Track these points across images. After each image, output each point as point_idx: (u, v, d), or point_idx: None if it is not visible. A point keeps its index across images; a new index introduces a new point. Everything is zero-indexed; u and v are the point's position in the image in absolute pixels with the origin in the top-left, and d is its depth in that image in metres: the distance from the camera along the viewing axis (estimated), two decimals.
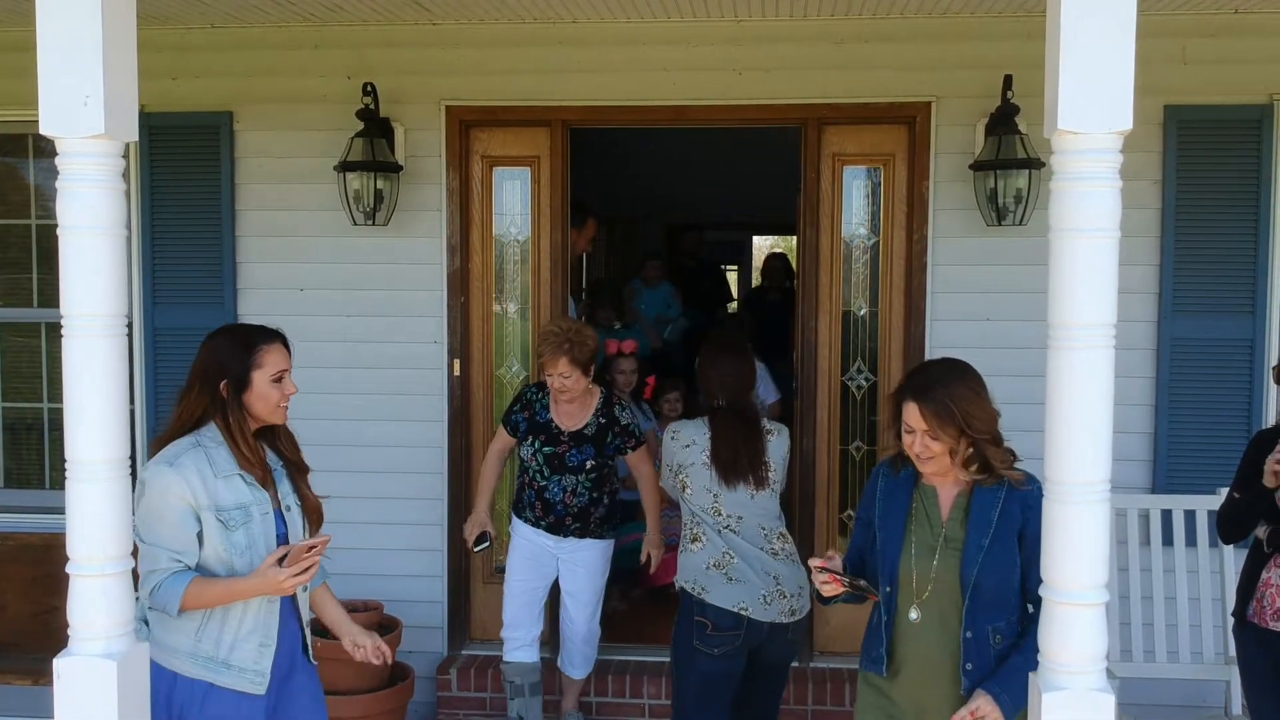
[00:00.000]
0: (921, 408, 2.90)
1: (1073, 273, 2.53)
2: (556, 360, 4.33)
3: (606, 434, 4.52)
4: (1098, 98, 2.48)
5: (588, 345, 4.39)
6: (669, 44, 4.92)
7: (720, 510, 3.95)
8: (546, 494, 4.53)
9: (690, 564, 3.99)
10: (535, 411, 4.55)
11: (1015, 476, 2.97)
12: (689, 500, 4.01)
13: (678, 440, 4.05)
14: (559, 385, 4.37)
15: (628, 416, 4.59)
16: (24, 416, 5.54)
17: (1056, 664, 2.61)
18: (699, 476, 3.98)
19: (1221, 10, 4.68)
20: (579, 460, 4.50)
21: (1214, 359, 4.82)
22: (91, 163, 2.66)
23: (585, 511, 4.55)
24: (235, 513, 2.92)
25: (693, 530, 4.01)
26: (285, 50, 5.05)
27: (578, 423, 4.51)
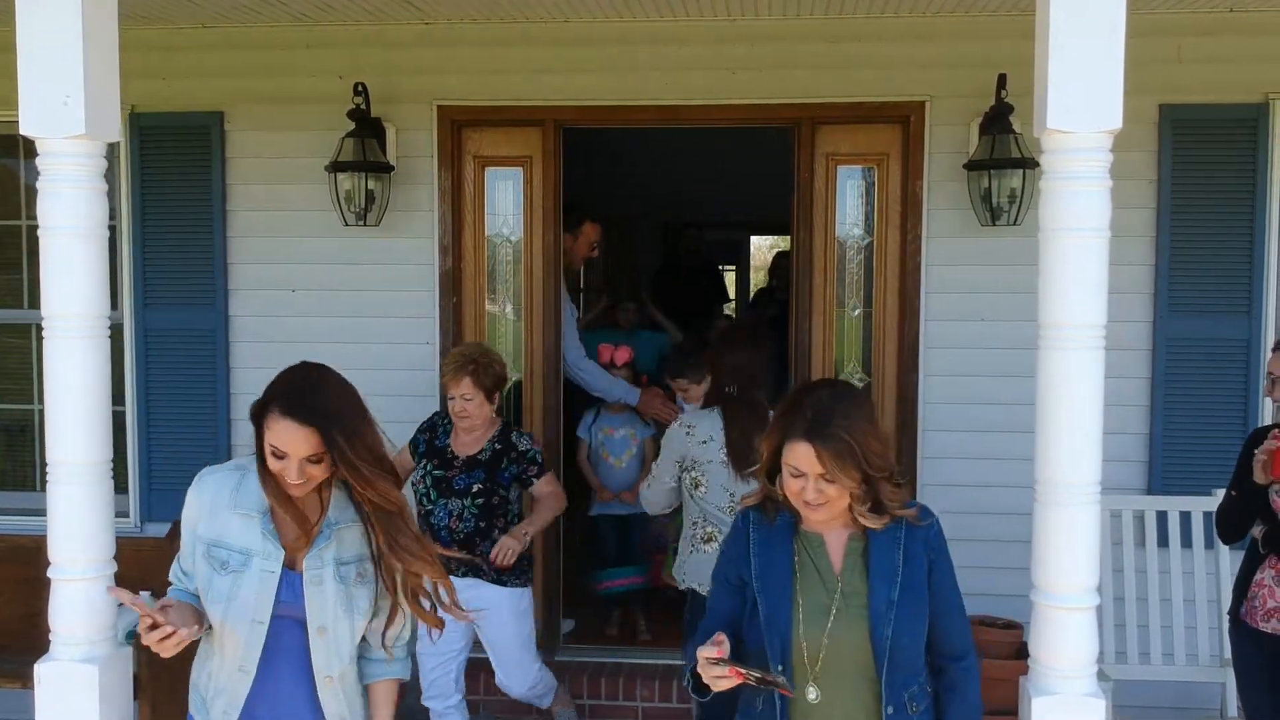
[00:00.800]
0: (818, 448, 2.40)
1: (1063, 272, 2.51)
2: (459, 380, 4.16)
3: (501, 459, 4.27)
4: (1087, 97, 2.47)
5: (494, 370, 4.22)
6: (661, 43, 4.89)
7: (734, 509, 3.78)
8: (432, 519, 4.27)
9: (704, 566, 3.75)
10: (437, 435, 4.38)
11: (910, 514, 2.54)
12: (702, 499, 3.90)
13: (694, 435, 3.91)
14: (459, 408, 4.18)
15: (528, 443, 4.33)
16: (15, 418, 5.52)
17: (1047, 668, 2.60)
18: (717, 475, 3.87)
19: (1216, 9, 4.66)
20: (466, 484, 4.25)
21: (1210, 359, 4.79)
22: (72, 163, 2.66)
23: (470, 540, 4.23)
24: (234, 555, 2.50)
25: (705, 530, 3.92)
26: (276, 50, 5.03)
27: (472, 449, 4.30)
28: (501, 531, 4.25)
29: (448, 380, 4.21)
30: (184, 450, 5.14)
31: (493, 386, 4.22)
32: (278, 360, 5.10)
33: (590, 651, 5.23)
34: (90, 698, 2.67)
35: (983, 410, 4.87)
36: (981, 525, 4.85)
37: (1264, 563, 3.67)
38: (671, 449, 3.99)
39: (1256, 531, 3.71)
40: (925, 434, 4.93)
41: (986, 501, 4.84)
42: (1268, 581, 3.64)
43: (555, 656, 5.15)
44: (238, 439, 5.16)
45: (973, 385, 4.88)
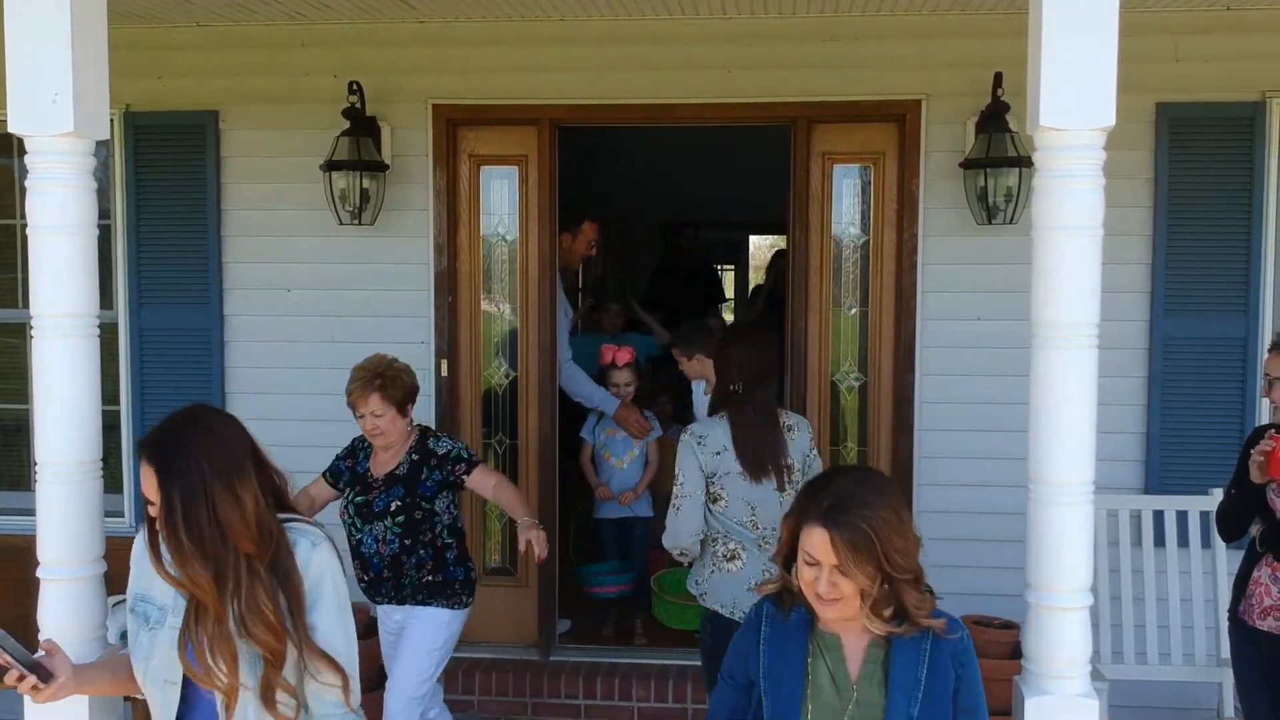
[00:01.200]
0: (834, 536, 2.21)
1: (1056, 271, 2.50)
2: (366, 397, 3.89)
3: (420, 470, 4.00)
4: (1080, 94, 2.46)
5: (403, 382, 3.97)
6: (657, 42, 4.88)
7: (758, 523, 3.64)
8: (362, 548, 4.03)
9: (728, 586, 3.64)
10: (359, 460, 4.14)
11: (937, 625, 2.33)
12: (722, 514, 3.66)
13: (706, 446, 3.66)
14: (371, 426, 3.93)
15: (447, 444, 4.07)
16: (10, 418, 5.51)
17: (1040, 668, 2.58)
18: (735, 486, 3.65)
19: (1213, 7, 4.65)
20: (385, 503, 3.99)
21: (1207, 358, 4.78)
22: (61, 161, 2.64)
23: (397, 562, 3.99)
24: (153, 611, 2.37)
25: (728, 548, 3.66)
26: (271, 49, 5.02)
27: (389, 466, 4.04)
28: (432, 550, 4.01)
29: (354, 399, 3.93)
30: None
31: (404, 399, 3.98)
32: (273, 359, 5.19)
33: (586, 651, 5.22)
34: (80, 699, 2.66)
35: (979, 409, 4.85)
36: (978, 525, 4.85)
37: (1261, 561, 3.66)
38: (689, 463, 3.68)
39: (1254, 530, 3.70)
40: (921, 433, 4.92)
41: (983, 501, 4.83)
42: (1264, 580, 3.63)
43: (551, 656, 5.15)
44: None
45: (969, 384, 4.87)
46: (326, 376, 5.05)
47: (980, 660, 4.60)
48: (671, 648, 5.27)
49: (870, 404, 5.05)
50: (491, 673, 4.98)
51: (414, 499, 3.98)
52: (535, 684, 4.93)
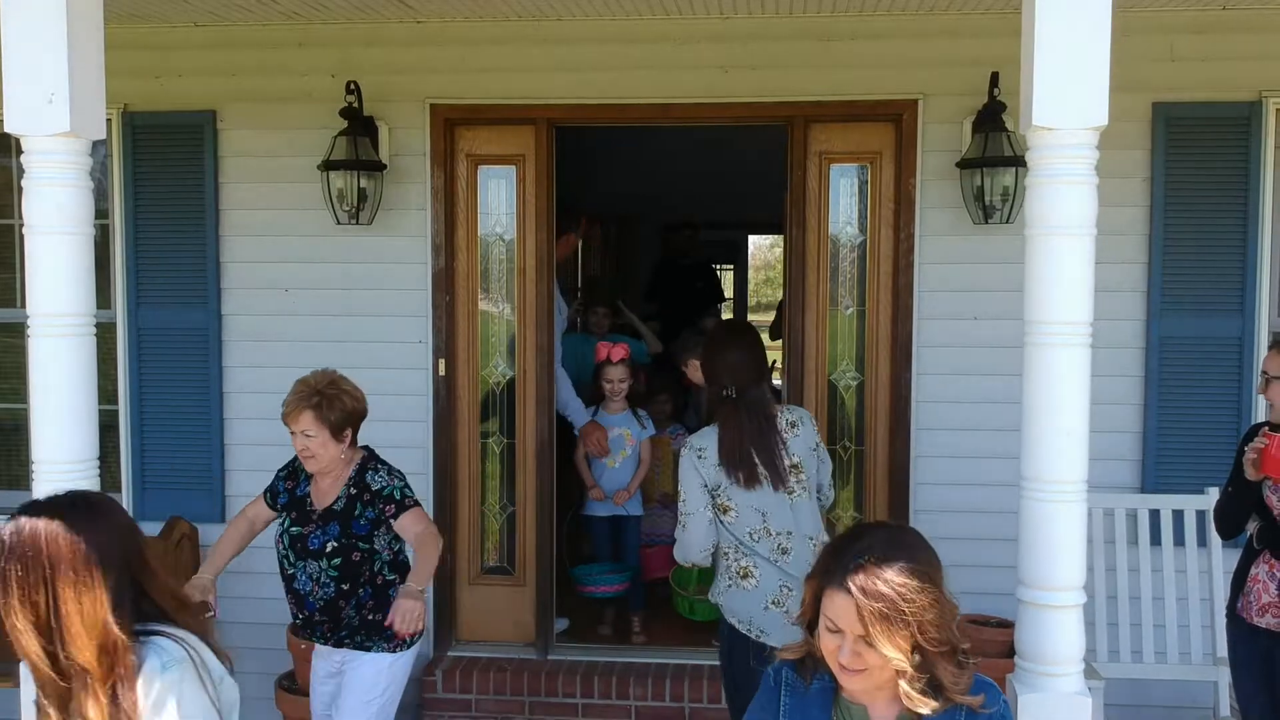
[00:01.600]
0: (860, 603, 2.02)
1: (1049, 270, 2.51)
2: (298, 414, 3.59)
3: (354, 506, 3.68)
4: (1072, 93, 2.46)
5: (342, 404, 3.65)
6: (654, 42, 4.89)
7: (770, 529, 3.54)
8: (296, 584, 3.74)
9: (744, 602, 3.54)
10: (298, 483, 3.82)
11: (974, 702, 2.11)
12: (733, 527, 3.55)
13: (706, 459, 3.55)
14: (300, 446, 3.62)
15: (382, 479, 3.72)
16: (7, 417, 5.52)
17: (1033, 666, 2.59)
18: (740, 495, 3.54)
19: (1209, 7, 4.65)
20: (320, 542, 3.68)
21: (1203, 357, 4.78)
22: (57, 161, 2.66)
23: (333, 605, 3.68)
24: None
25: (741, 564, 3.54)
26: (269, 49, 5.03)
27: (328, 499, 3.73)
28: (372, 590, 3.71)
29: (287, 414, 3.63)
30: (177, 449, 5.16)
31: (342, 422, 3.64)
32: (271, 359, 5.19)
33: (584, 650, 5.23)
34: None
35: (976, 408, 4.86)
36: (975, 523, 4.86)
37: (1258, 558, 3.67)
38: (689, 477, 3.57)
39: (1251, 527, 3.71)
40: (918, 432, 4.92)
41: (980, 500, 4.84)
42: (1262, 577, 3.65)
43: (549, 655, 5.16)
44: (230, 438, 5.16)
45: (966, 383, 4.88)
46: None
47: (977, 659, 4.65)
48: (669, 647, 5.29)
49: (867, 403, 5.05)
50: (489, 672, 4.99)
51: (350, 539, 3.66)
52: (533, 683, 4.94)
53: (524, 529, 5.25)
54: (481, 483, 5.26)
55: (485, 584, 5.28)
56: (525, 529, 5.24)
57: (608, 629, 5.52)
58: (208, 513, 5.10)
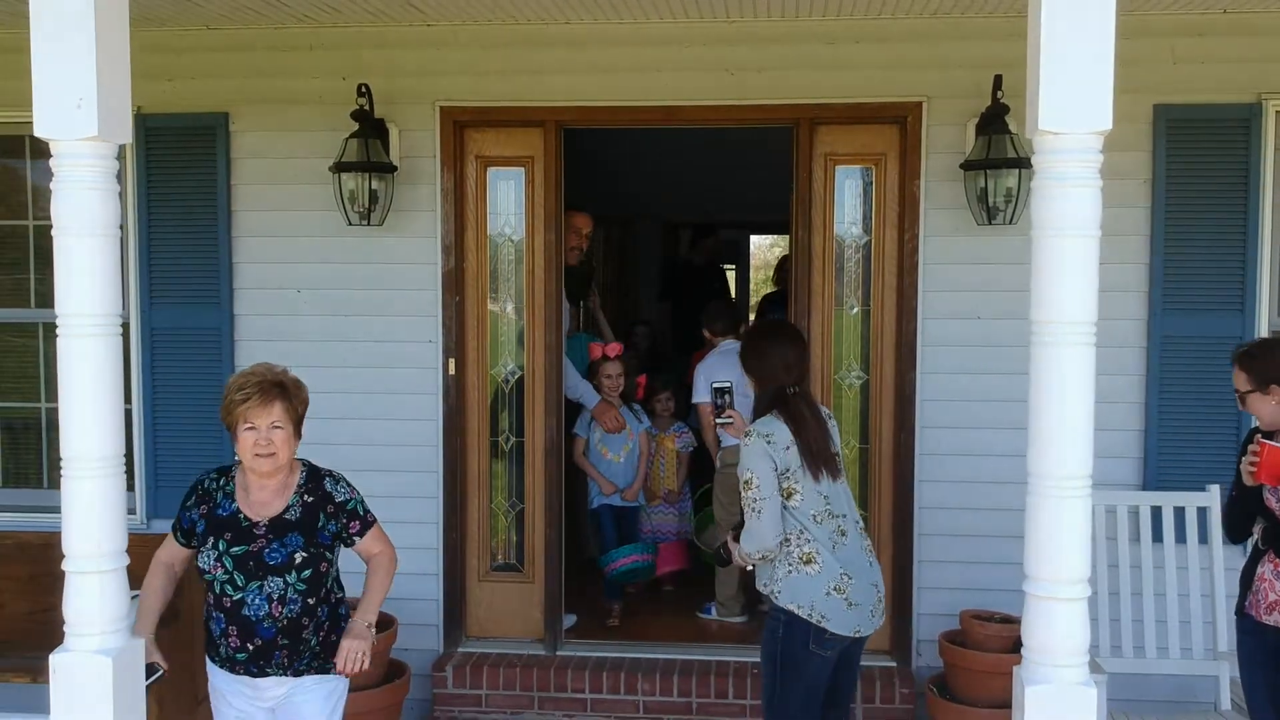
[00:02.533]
0: None
1: (1054, 271, 2.57)
2: (268, 405, 3.21)
3: (317, 515, 3.35)
4: (1078, 98, 2.52)
5: (303, 395, 3.36)
6: (662, 44, 4.95)
7: (832, 512, 3.65)
8: (245, 610, 3.23)
9: (806, 588, 3.60)
10: (216, 503, 3.34)
11: None
12: (797, 511, 3.62)
13: (775, 442, 3.61)
14: (262, 441, 3.21)
15: (344, 491, 3.42)
16: (21, 416, 5.57)
17: (1039, 658, 2.65)
18: (805, 480, 3.62)
19: (1210, 10, 4.71)
20: (284, 555, 3.26)
21: (1204, 356, 4.83)
22: (85, 164, 2.71)
23: (296, 626, 3.28)
24: None
25: (804, 549, 3.61)
26: (281, 51, 5.08)
27: (275, 509, 3.32)
28: (330, 608, 3.38)
29: (250, 407, 3.21)
30: (190, 448, 5.20)
31: (302, 416, 3.35)
32: (283, 359, 5.17)
33: (592, 646, 5.29)
34: (104, 689, 2.73)
35: (980, 407, 4.92)
36: (979, 521, 4.92)
37: (1264, 558, 3.73)
38: (762, 463, 3.61)
39: (1256, 529, 3.76)
40: (923, 431, 4.98)
41: (984, 498, 4.90)
42: (1269, 576, 3.70)
43: (558, 651, 5.22)
44: None
45: (970, 382, 4.94)
46: (335, 375, 5.14)
47: (980, 654, 4.72)
48: (676, 642, 5.35)
49: (872, 402, 5.11)
50: (499, 667, 5.05)
51: (318, 549, 3.32)
52: (541, 678, 5.00)
53: (532, 526, 5.30)
54: (491, 481, 5.32)
55: (494, 581, 5.33)
56: (534, 526, 5.30)
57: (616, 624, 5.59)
58: None
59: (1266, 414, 3.67)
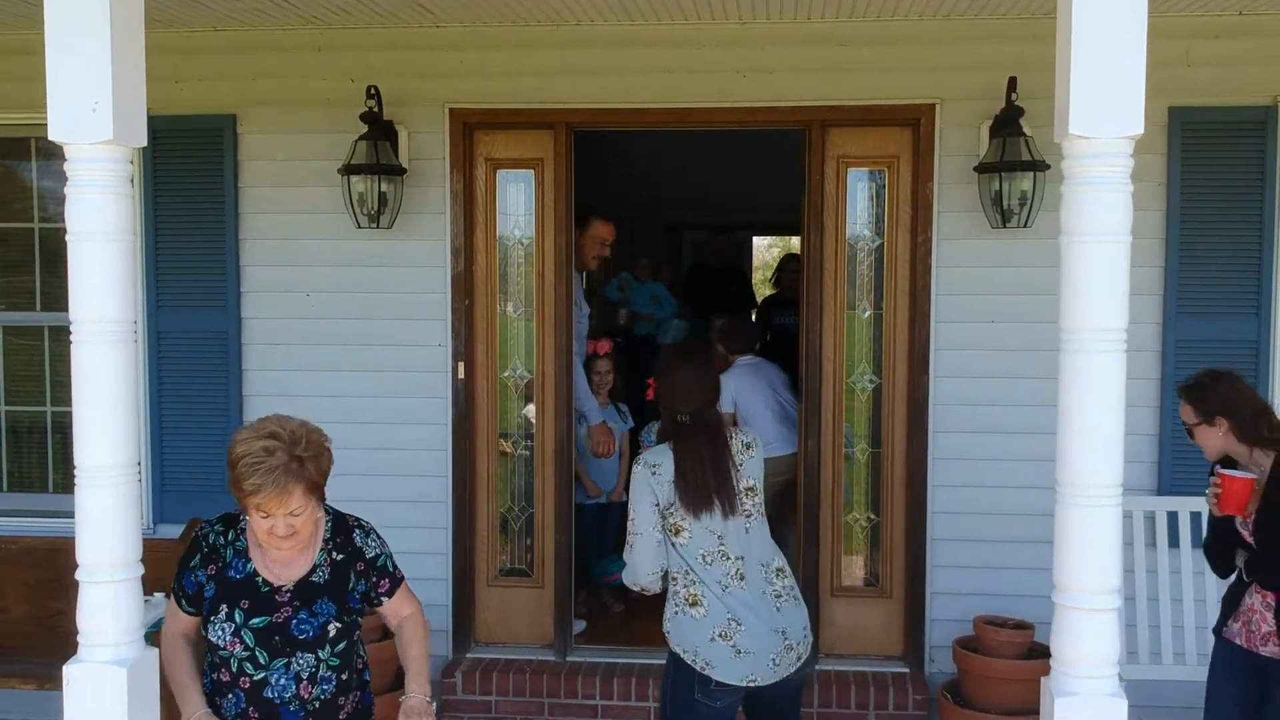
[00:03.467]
0: None
1: (1085, 277, 2.54)
2: (288, 493, 2.68)
3: (347, 575, 2.89)
4: (1109, 102, 2.49)
5: (326, 456, 2.82)
6: (672, 46, 4.92)
7: (728, 554, 3.37)
8: (267, 691, 2.80)
9: (691, 631, 3.35)
10: (226, 563, 2.85)
11: None
12: (684, 548, 3.37)
13: (661, 476, 3.37)
14: (280, 529, 2.72)
15: (375, 545, 2.96)
16: (27, 420, 5.53)
17: (1069, 668, 2.62)
18: (692, 518, 3.37)
19: (1225, 12, 4.68)
20: (316, 626, 2.82)
21: (1219, 360, 4.73)
22: (99, 168, 2.67)
23: (331, 708, 2.87)
24: None
25: (690, 590, 3.36)
26: (289, 53, 5.05)
27: (300, 569, 2.85)
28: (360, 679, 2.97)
29: (263, 500, 2.67)
30: (196, 452, 5.17)
31: (327, 476, 2.83)
32: (291, 362, 5.22)
33: (602, 652, 5.25)
34: (119, 700, 2.69)
35: (993, 411, 4.89)
36: (993, 526, 4.89)
37: (1250, 588, 3.70)
38: (641, 495, 3.39)
39: (1240, 560, 3.75)
40: (935, 435, 4.95)
41: (997, 502, 4.88)
42: (1259, 607, 3.67)
43: (568, 656, 5.19)
44: None
45: (983, 387, 4.91)
46: (344, 379, 5.12)
47: (994, 660, 4.69)
48: None
49: (885, 406, 5.08)
50: (508, 673, 5.01)
51: (350, 617, 2.89)
52: (552, 684, 4.97)
53: (542, 531, 5.27)
54: (500, 485, 5.28)
55: (503, 586, 5.30)
56: (543, 531, 5.27)
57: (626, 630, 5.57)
58: None
59: (1213, 446, 3.67)
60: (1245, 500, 3.53)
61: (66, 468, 5.36)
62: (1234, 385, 3.64)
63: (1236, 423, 3.57)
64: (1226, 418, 3.58)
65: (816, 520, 5.10)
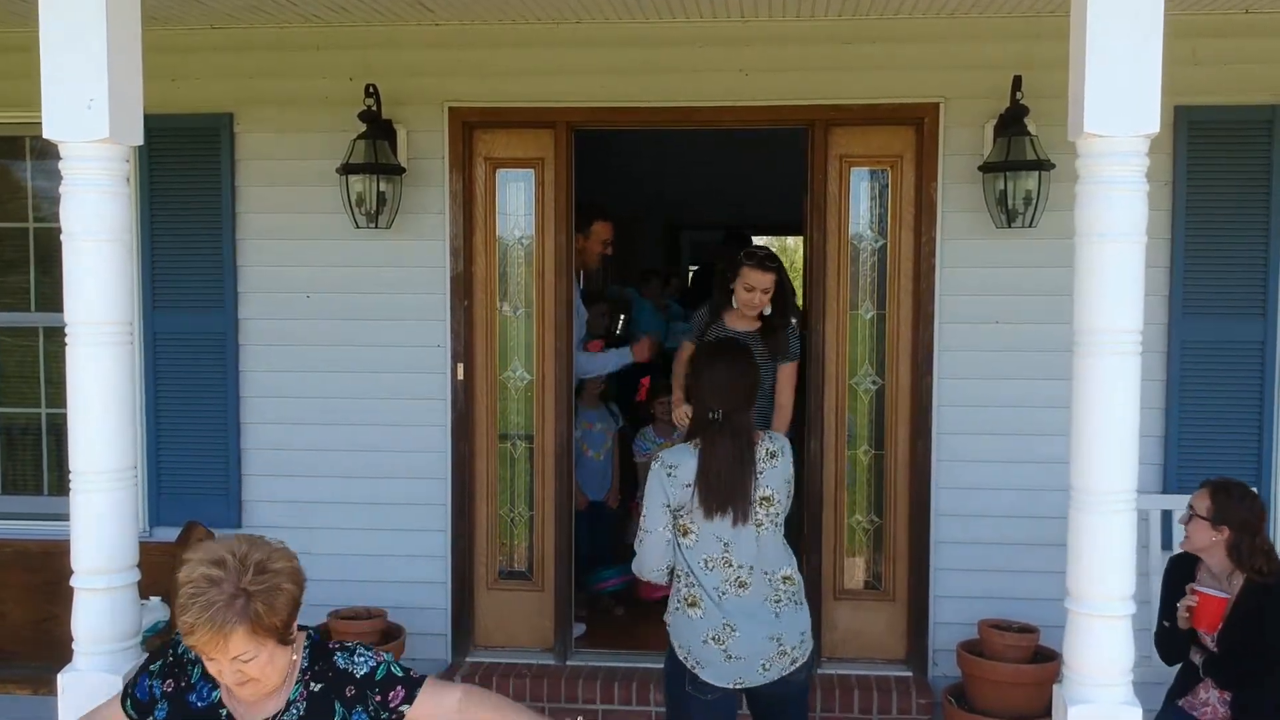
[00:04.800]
0: None
1: (1100, 278, 2.51)
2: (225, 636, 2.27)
3: (331, 708, 2.47)
4: (1125, 101, 2.46)
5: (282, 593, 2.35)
6: (674, 45, 4.87)
7: (731, 560, 3.37)
8: None
9: (686, 630, 3.40)
10: (190, 684, 2.49)
11: None
12: (689, 552, 3.38)
13: (676, 479, 3.36)
14: (231, 676, 2.35)
15: (365, 661, 2.53)
16: (21, 421, 5.48)
17: (1081, 676, 2.58)
18: (702, 522, 3.37)
19: (1232, 10, 4.65)
20: None
21: (1224, 361, 4.78)
22: (95, 167, 2.63)
23: None
24: None
25: (690, 592, 3.39)
26: (287, 51, 5.00)
27: (269, 708, 2.46)
28: None
29: (199, 640, 2.28)
30: (193, 454, 5.14)
31: (289, 619, 2.39)
32: (288, 363, 5.17)
33: (602, 656, 5.21)
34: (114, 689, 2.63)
35: (997, 413, 4.85)
36: (997, 528, 4.86)
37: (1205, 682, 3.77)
38: (655, 497, 3.39)
39: (1196, 658, 3.78)
40: (940, 437, 4.91)
41: (1001, 505, 4.84)
42: (1213, 701, 3.75)
43: (568, 660, 5.15)
44: (247, 443, 5.14)
45: (987, 388, 4.87)
46: (342, 380, 5.08)
47: (998, 664, 4.65)
48: None
49: (888, 407, 5.04)
50: (508, 677, 4.97)
51: None
52: (552, 688, 4.92)
53: (542, 534, 5.23)
54: (499, 487, 5.23)
55: (503, 589, 5.26)
56: (543, 534, 5.22)
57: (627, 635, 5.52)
58: (224, 518, 5.07)
59: (1202, 543, 3.74)
60: (1218, 620, 3.64)
61: (61, 470, 5.32)
62: (1255, 510, 3.73)
63: (1237, 542, 3.66)
64: (1234, 532, 3.67)
65: (819, 522, 5.05)
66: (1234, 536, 3.67)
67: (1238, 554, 3.66)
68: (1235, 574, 3.70)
